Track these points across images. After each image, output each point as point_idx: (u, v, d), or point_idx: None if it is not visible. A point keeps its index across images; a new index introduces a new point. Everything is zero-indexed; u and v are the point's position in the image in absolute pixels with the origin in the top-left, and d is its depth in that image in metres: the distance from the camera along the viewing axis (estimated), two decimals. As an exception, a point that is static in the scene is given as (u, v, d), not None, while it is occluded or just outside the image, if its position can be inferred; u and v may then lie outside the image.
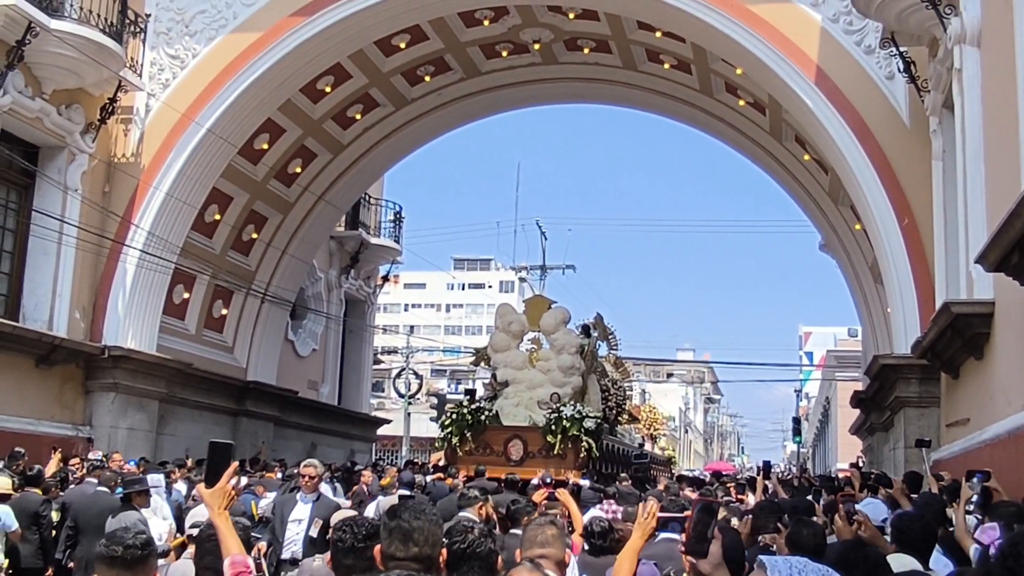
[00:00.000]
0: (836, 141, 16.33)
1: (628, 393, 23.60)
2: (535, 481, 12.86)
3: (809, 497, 10.06)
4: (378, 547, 3.70)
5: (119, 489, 10.48)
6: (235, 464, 4.56)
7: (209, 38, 19.15)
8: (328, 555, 4.46)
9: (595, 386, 19.47)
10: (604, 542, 7.57)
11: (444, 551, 3.71)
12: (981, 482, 7.00)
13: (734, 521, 7.25)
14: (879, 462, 17.84)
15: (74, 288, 18.03)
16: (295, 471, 13.89)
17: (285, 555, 9.48)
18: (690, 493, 13.79)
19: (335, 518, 7.16)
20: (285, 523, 9.57)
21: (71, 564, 10.52)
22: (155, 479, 11.70)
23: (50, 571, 10.87)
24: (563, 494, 8.77)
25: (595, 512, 10.19)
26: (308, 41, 18.78)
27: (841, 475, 20.64)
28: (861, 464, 22.96)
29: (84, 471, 12.57)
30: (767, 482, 12.44)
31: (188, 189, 19.22)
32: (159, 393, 19.32)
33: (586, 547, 7.47)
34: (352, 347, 30.72)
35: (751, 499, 12.28)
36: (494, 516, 9.03)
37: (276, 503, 10.29)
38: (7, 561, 10.17)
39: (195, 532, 6.52)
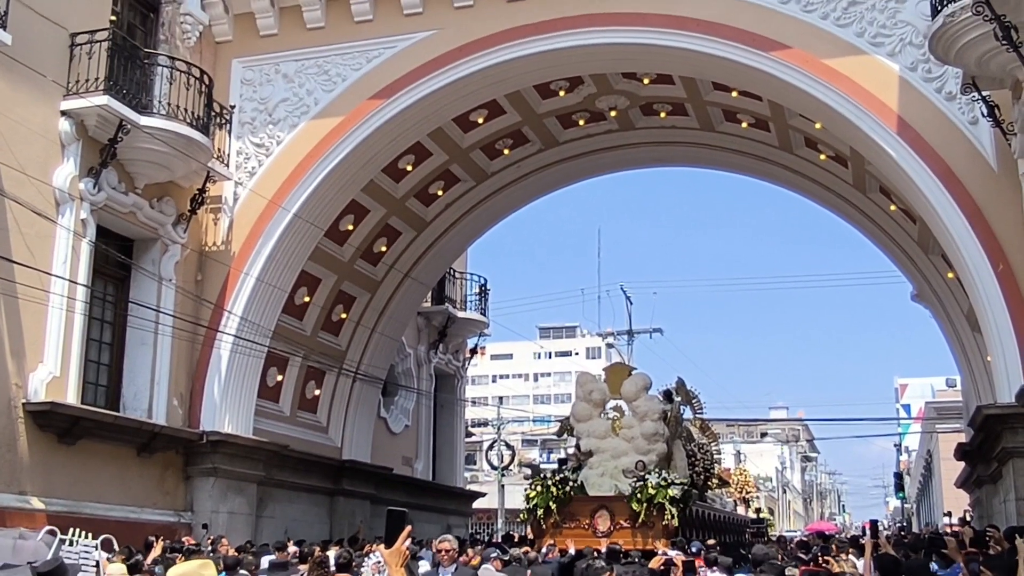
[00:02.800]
0: (923, 190, 16.10)
1: (716, 457, 23.24)
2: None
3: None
4: None
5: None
6: (408, 528, 5.24)
7: (292, 125, 19.62)
8: None
9: (681, 452, 19.22)
10: None
11: None
12: None
13: None
14: (989, 516, 17.32)
15: (171, 376, 18.39)
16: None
17: None
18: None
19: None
20: None
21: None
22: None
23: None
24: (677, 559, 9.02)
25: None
26: (388, 123, 19.17)
27: (949, 531, 20.07)
28: (969, 519, 22.33)
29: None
30: (876, 542, 12.12)
31: (278, 273, 19.59)
32: (257, 476, 19.52)
33: None
34: (444, 421, 30.79)
35: (859, 563, 12.02)
36: None
37: None
38: None
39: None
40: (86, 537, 9.40)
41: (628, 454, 18.15)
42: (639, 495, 17.00)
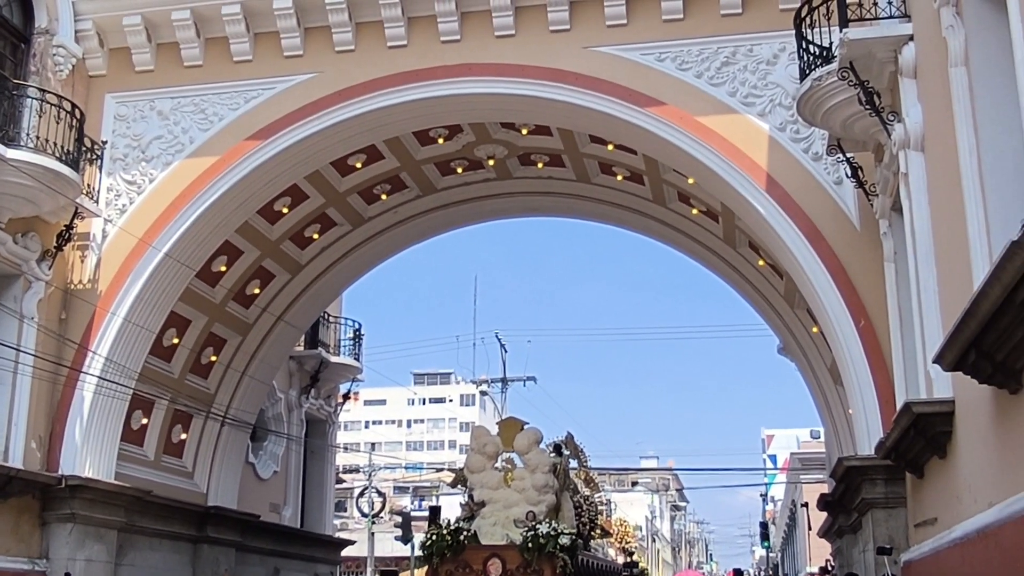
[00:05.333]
0: (789, 246, 16.58)
1: (600, 508, 23.86)
2: None
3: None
4: None
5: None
6: None
7: (166, 163, 19.28)
8: None
9: (568, 503, 19.84)
10: None
11: None
12: None
13: None
14: (849, 565, 17.73)
15: (30, 418, 17.75)
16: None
17: None
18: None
19: None
20: None
21: None
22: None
23: None
24: None
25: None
26: (265, 164, 18.97)
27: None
28: (831, 568, 22.84)
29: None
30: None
31: (146, 314, 19.13)
32: (118, 522, 18.91)
33: None
34: (314, 467, 30.35)
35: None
36: None
37: None
38: None
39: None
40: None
41: (519, 504, 18.74)
42: (530, 544, 17.53)
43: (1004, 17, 8.40)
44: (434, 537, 18.29)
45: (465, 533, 18.29)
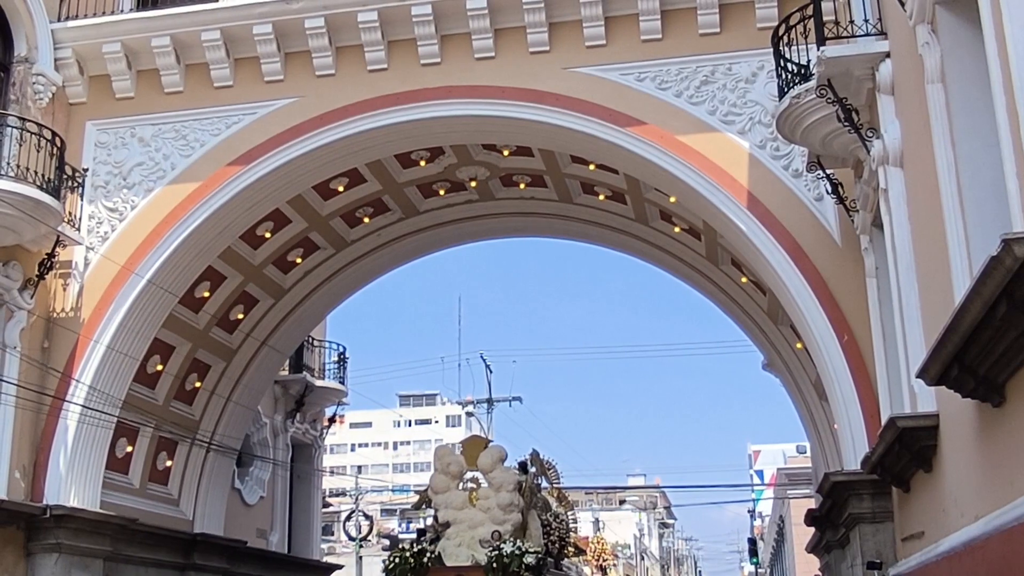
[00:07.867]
0: (771, 263, 16.64)
1: (573, 526, 23.75)
2: None
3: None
4: None
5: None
6: None
7: (147, 190, 19.23)
8: None
9: (536, 521, 19.75)
10: None
11: None
12: None
13: None
14: (838, 580, 17.74)
15: (13, 448, 17.64)
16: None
17: None
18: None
19: None
20: None
21: None
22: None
23: None
24: None
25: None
26: (246, 189, 18.95)
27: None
28: (820, 583, 22.83)
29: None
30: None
31: (129, 341, 19.06)
32: (103, 551, 18.77)
33: None
34: (300, 492, 30.22)
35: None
36: None
37: None
38: None
39: None
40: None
41: (484, 524, 18.64)
42: (495, 564, 17.46)
43: (979, 33, 8.48)
44: (397, 559, 18.28)
45: (429, 554, 18.26)
